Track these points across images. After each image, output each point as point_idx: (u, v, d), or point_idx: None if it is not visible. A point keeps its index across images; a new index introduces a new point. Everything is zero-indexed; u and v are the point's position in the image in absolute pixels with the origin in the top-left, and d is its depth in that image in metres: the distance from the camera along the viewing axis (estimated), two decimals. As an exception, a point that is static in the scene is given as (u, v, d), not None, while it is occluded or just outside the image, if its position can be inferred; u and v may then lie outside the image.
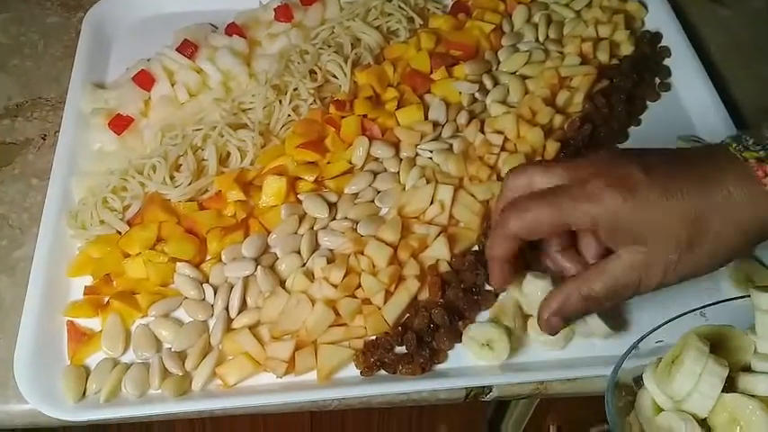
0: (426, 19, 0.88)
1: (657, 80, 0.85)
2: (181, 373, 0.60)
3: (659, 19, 0.90)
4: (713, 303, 0.58)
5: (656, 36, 0.88)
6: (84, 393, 0.60)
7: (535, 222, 0.54)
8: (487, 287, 0.66)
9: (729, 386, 0.51)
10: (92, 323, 0.64)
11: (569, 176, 0.54)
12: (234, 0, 0.89)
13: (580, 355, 0.63)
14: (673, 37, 0.87)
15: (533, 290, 0.62)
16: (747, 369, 0.54)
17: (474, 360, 0.62)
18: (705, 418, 0.51)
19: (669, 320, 0.57)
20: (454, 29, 0.86)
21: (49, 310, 0.64)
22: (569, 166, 0.55)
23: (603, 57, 0.84)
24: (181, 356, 0.62)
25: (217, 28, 0.86)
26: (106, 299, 0.65)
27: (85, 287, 0.65)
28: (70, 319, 0.64)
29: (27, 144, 0.78)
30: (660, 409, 0.53)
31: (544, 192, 0.55)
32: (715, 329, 0.55)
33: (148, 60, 0.82)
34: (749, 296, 0.55)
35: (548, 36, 0.86)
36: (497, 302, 0.65)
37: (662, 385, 0.52)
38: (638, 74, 0.83)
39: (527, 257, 0.62)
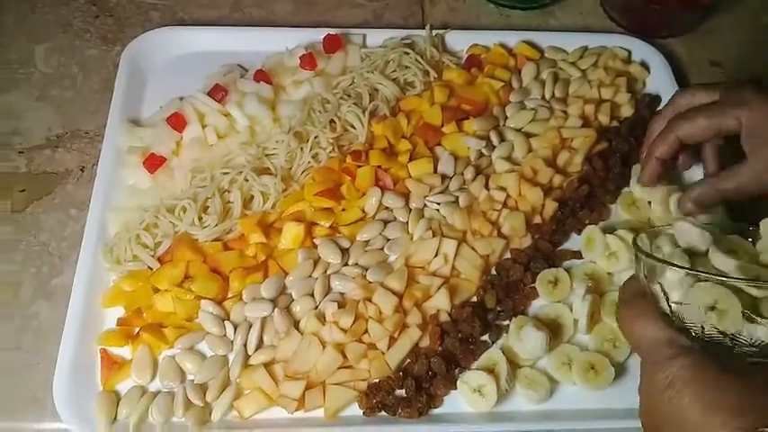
0: (441, 71, 0.94)
1: (653, 143, 0.91)
2: (202, 404, 0.67)
3: (660, 81, 0.95)
4: None
5: (656, 99, 0.94)
6: (115, 417, 0.67)
7: (696, 126, 0.72)
8: (482, 338, 0.73)
9: None
10: (123, 351, 0.71)
11: (726, 91, 0.72)
12: (263, 42, 0.95)
13: (564, 407, 0.69)
14: (671, 100, 0.93)
15: (529, 339, 0.70)
16: None
17: (467, 406, 0.69)
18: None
19: None
20: (466, 83, 0.92)
21: (85, 338, 0.70)
22: (726, 85, 0.73)
23: (604, 119, 0.90)
24: (202, 388, 0.68)
25: (246, 70, 0.92)
26: (136, 330, 0.71)
27: (118, 318, 0.72)
28: (103, 347, 0.70)
29: (66, 175, 0.84)
30: None
31: (704, 104, 0.73)
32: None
33: (181, 99, 0.88)
34: None
35: (553, 94, 0.92)
36: (488, 353, 0.71)
37: None
38: (635, 137, 0.88)
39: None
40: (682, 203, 0.76)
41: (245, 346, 0.71)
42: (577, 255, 0.79)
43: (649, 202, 0.82)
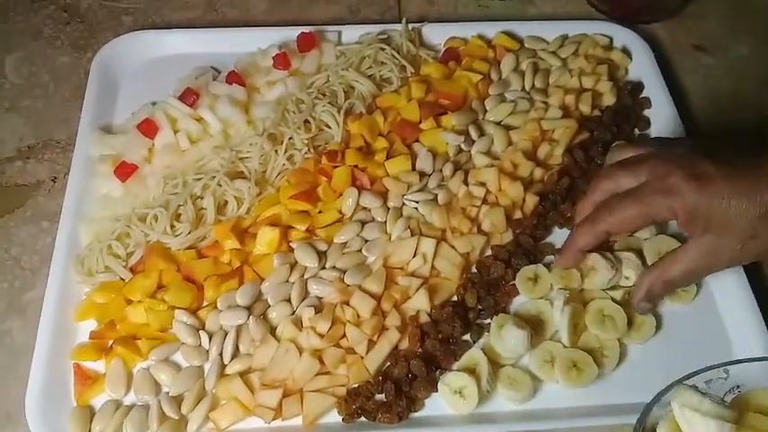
0: (418, 66, 0.92)
1: (637, 131, 0.89)
2: (177, 417, 0.66)
3: (642, 67, 0.94)
4: (736, 362, 0.59)
5: (638, 86, 0.92)
6: (88, 434, 0.65)
7: (625, 219, 0.65)
8: (464, 338, 0.71)
9: None
10: (96, 365, 0.69)
11: (651, 174, 0.64)
12: (237, 43, 0.93)
13: (547, 407, 0.68)
14: (654, 87, 0.91)
15: (510, 338, 0.68)
16: None
17: (448, 408, 0.67)
18: None
19: (695, 373, 0.57)
20: (444, 77, 0.90)
21: (58, 353, 0.69)
22: (651, 165, 0.64)
23: (585, 108, 0.88)
24: (177, 400, 0.67)
25: (220, 72, 0.91)
26: (110, 343, 0.70)
27: (91, 332, 0.71)
28: (76, 361, 0.69)
29: (38, 186, 0.83)
30: None
31: (630, 191, 0.65)
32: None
33: (153, 105, 0.86)
34: None
35: (533, 85, 0.90)
36: (468, 353, 0.69)
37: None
38: (618, 126, 0.87)
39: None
40: (636, 306, 0.70)
41: (220, 355, 0.69)
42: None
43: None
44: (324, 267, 0.75)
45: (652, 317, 0.72)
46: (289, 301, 0.73)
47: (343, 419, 0.66)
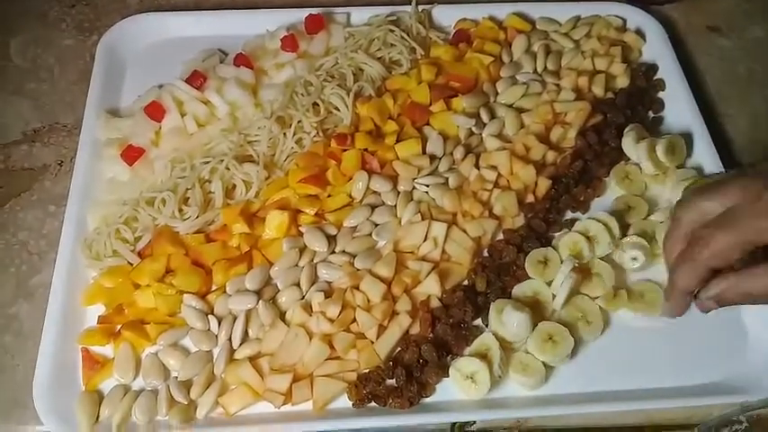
0: (428, 48, 0.91)
1: (650, 114, 0.87)
2: (186, 402, 0.65)
3: (656, 49, 0.92)
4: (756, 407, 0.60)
5: (652, 68, 0.90)
6: (97, 418, 0.65)
7: (723, 250, 0.57)
8: (475, 323, 0.70)
9: None
10: (105, 350, 0.69)
11: (741, 196, 0.58)
12: (244, 25, 0.92)
13: (557, 392, 0.67)
14: (668, 69, 0.90)
15: (511, 321, 0.67)
16: None
17: (460, 393, 0.66)
18: None
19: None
20: (455, 59, 0.89)
21: (66, 337, 0.68)
22: (737, 186, 0.58)
23: (599, 91, 0.86)
24: (186, 385, 0.66)
25: (227, 55, 0.89)
26: (118, 327, 0.69)
27: (99, 316, 0.70)
28: (84, 346, 0.68)
29: (44, 170, 0.82)
30: None
31: (719, 218, 0.58)
32: None
33: (160, 87, 0.85)
34: None
35: (546, 67, 0.89)
36: (480, 338, 0.68)
37: None
38: (632, 108, 0.85)
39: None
40: (700, 300, 0.62)
41: (229, 340, 0.69)
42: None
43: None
44: (333, 252, 0.74)
45: (658, 288, 0.71)
46: (298, 285, 0.72)
47: (353, 404, 0.66)
